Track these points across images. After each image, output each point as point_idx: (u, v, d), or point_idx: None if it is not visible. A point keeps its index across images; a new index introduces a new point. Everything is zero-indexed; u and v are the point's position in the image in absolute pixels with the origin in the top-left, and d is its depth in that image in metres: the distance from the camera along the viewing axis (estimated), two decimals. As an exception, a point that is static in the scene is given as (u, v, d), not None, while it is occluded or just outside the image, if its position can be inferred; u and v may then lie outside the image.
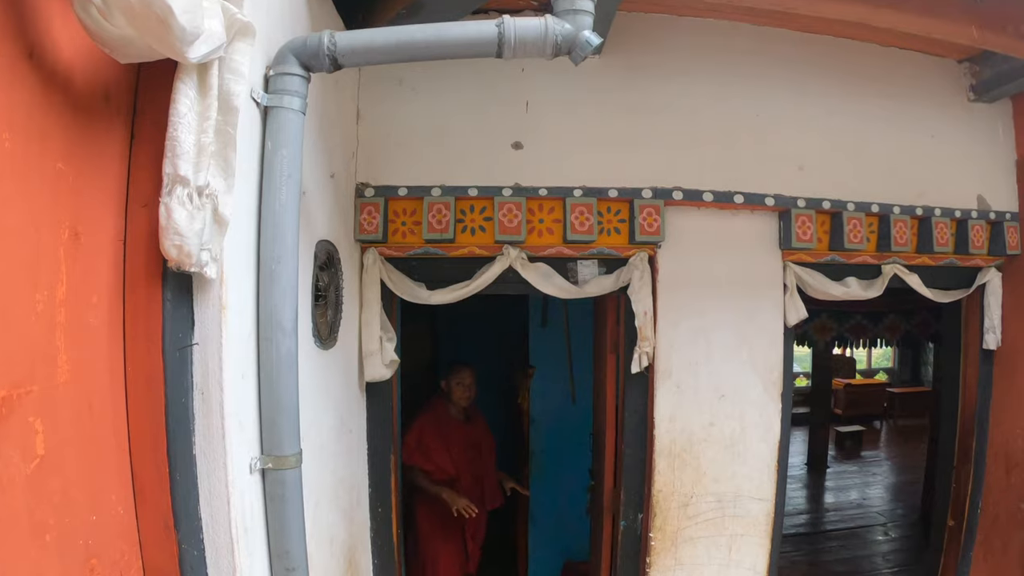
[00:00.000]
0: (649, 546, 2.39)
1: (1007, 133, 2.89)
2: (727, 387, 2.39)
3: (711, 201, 2.31)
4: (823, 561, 4.97)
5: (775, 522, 2.50)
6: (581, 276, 2.30)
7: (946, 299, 2.74)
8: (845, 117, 2.55)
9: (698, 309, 2.35)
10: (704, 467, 2.41)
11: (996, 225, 2.79)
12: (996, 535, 2.95)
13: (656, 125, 2.33)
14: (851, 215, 2.47)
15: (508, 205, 2.18)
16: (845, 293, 2.49)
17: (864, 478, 7.38)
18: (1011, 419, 2.90)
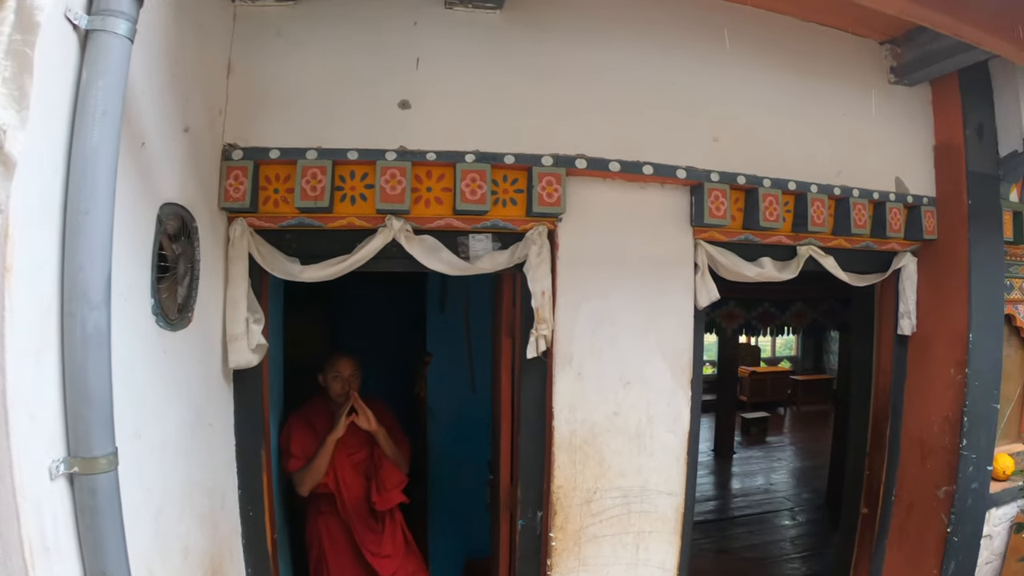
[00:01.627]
0: (550, 547, 2.46)
1: (926, 117, 3.17)
2: (633, 374, 2.48)
3: (618, 171, 2.37)
4: (732, 548, 5.39)
5: (685, 517, 2.65)
6: (473, 251, 2.31)
7: (862, 283, 2.96)
8: (764, 91, 2.69)
9: (602, 289, 2.42)
10: (608, 460, 2.49)
11: (913, 209, 3.05)
12: (911, 522, 3.27)
13: (561, 88, 2.36)
14: (767, 192, 2.60)
15: (392, 170, 2.16)
16: (759, 274, 2.64)
17: (770, 463, 8.25)
18: (926, 405, 3.20)
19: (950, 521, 3.06)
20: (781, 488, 7.30)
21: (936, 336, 3.14)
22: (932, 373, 3.16)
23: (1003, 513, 3.48)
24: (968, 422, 3.02)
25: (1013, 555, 3.46)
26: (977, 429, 3.07)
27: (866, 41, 2.98)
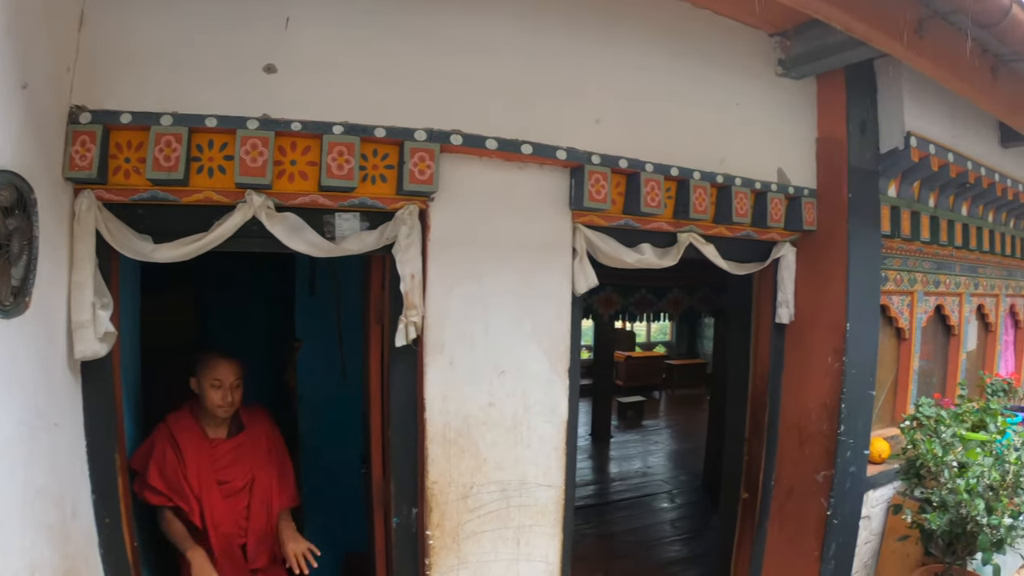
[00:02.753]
0: (427, 545, 2.52)
1: (810, 111, 3.49)
2: (508, 362, 2.59)
3: (495, 149, 2.45)
4: (613, 532, 5.79)
5: (566, 509, 2.80)
6: (339, 231, 2.32)
7: (741, 272, 3.21)
8: (651, 74, 2.87)
9: (476, 273, 2.50)
10: (484, 453, 2.59)
11: (794, 200, 3.35)
12: (791, 506, 3.59)
13: (439, 59, 2.40)
14: (649, 177, 2.79)
15: (253, 140, 2.13)
16: (639, 260, 2.81)
17: (646, 447, 9.01)
18: (804, 392, 3.52)
19: (830, 504, 3.39)
20: (659, 471, 7.96)
21: (814, 325, 3.46)
22: (810, 361, 3.48)
23: (880, 495, 3.90)
24: (846, 409, 3.36)
25: (891, 535, 3.87)
26: (854, 415, 3.42)
27: (756, 32, 3.23)
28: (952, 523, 3.26)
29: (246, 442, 2.77)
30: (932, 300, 4.53)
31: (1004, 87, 3.29)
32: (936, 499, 3.38)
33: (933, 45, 2.71)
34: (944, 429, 3.77)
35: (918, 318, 4.32)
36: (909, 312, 4.24)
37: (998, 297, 5.63)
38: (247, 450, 2.75)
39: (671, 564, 5.26)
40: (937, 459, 3.50)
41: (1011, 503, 3.24)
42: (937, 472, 3.48)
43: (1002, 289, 5.68)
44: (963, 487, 3.25)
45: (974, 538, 3.25)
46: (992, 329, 5.66)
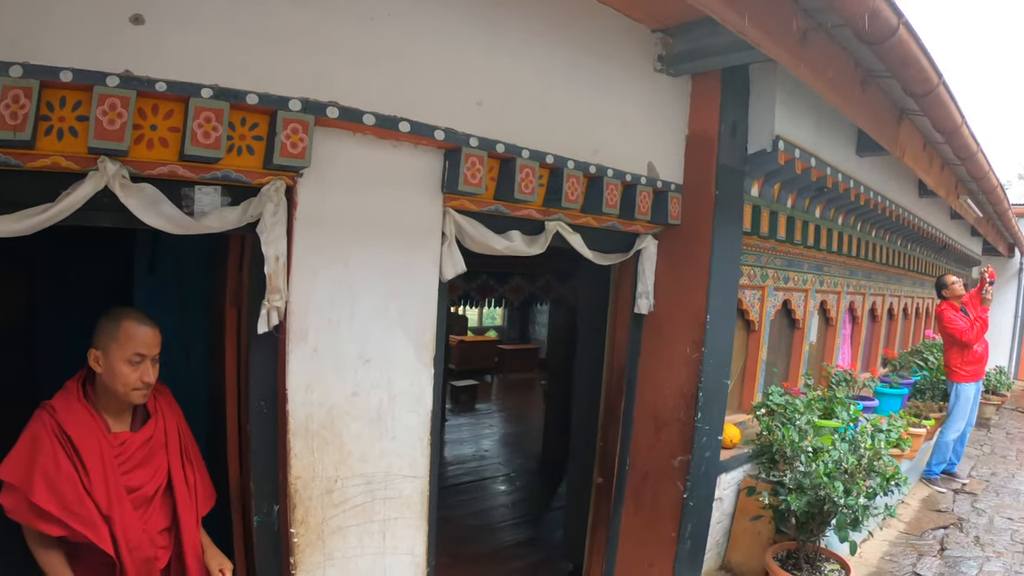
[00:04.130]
0: (292, 543, 2.57)
1: (683, 108, 3.91)
2: (373, 350, 2.71)
3: (372, 125, 2.52)
4: (455, 516, 6.17)
5: (431, 500, 3.00)
6: (199, 205, 2.29)
7: (605, 262, 3.55)
8: (532, 60, 3.08)
9: (342, 256, 2.59)
10: (349, 445, 2.70)
11: (661, 194, 3.76)
12: (647, 490, 4.04)
13: (320, 24, 2.41)
14: (525, 163, 3.03)
15: (112, 100, 2.01)
16: (508, 248, 3.05)
17: (481, 430, 9.77)
18: (661, 381, 3.97)
19: (686, 487, 3.85)
20: (495, 455, 8.57)
21: (674, 316, 3.91)
22: (669, 351, 3.93)
23: (731, 477, 4.52)
24: (703, 397, 3.83)
25: (742, 515, 4.51)
26: (711, 403, 3.91)
27: (639, 26, 3.56)
28: (810, 504, 3.83)
29: (156, 434, 2.34)
30: (781, 295, 5.20)
31: (871, 100, 3.90)
32: (791, 482, 3.94)
33: (814, 55, 3.16)
34: (799, 417, 4.34)
35: (768, 311, 4.92)
36: (760, 306, 4.85)
37: (840, 294, 6.50)
38: (158, 445, 2.34)
39: (515, 547, 5.69)
40: (794, 445, 4.11)
41: (865, 485, 3.88)
42: (793, 457, 4.08)
43: (844, 287, 6.58)
44: (822, 471, 3.83)
45: (830, 517, 3.87)
46: (833, 324, 6.53)
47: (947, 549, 5.47)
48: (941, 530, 5.89)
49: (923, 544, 5.55)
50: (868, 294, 7.53)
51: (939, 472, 7.29)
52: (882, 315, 8.28)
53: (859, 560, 4.98)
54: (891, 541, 5.55)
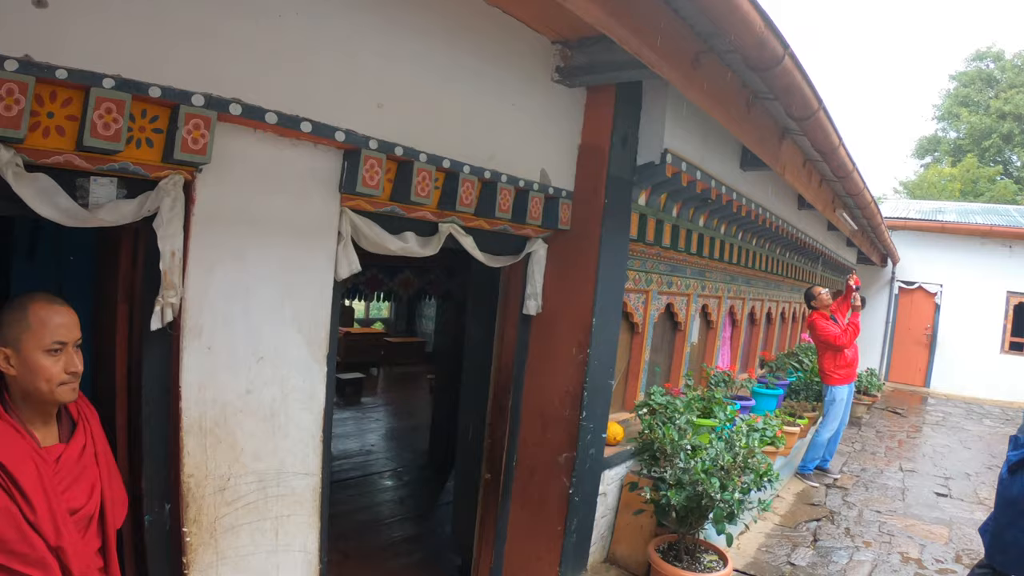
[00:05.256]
0: (184, 542, 2.63)
1: (577, 118, 4.27)
2: (267, 348, 2.85)
3: (274, 124, 2.63)
4: (343, 512, 6.39)
5: (323, 497, 3.16)
6: (94, 197, 2.33)
7: (495, 264, 3.85)
8: (434, 65, 3.30)
9: (239, 253, 2.70)
10: (242, 443, 2.78)
11: (552, 200, 4.09)
12: (533, 486, 4.38)
13: (226, 18, 2.49)
14: (422, 167, 3.25)
15: (9, 85, 2.03)
16: (402, 248, 3.28)
17: (367, 424, 10.11)
18: (547, 380, 4.31)
19: (571, 483, 4.21)
20: (382, 449, 8.89)
21: (561, 318, 4.27)
22: (556, 351, 4.29)
23: (615, 473, 4.94)
24: (588, 396, 4.19)
25: (625, 509, 4.92)
26: (595, 402, 4.28)
27: (540, 37, 3.87)
28: (689, 499, 4.23)
29: (88, 442, 2.13)
30: (664, 299, 5.68)
31: (756, 119, 4.36)
32: (671, 478, 4.34)
33: (704, 77, 3.55)
34: (679, 416, 4.75)
35: (651, 315, 5.36)
36: (644, 309, 5.30)
37: (720, 299, 7.08)
38: (90, 454, 2.12)
39: (404, 542, 5.94)
40: (674, 443, 4.52)
41: (740, 480, 4.33)
42: (673, 454, 4.49)
43: (725, 292, 7.17)
44: (700, 467, 4.25)
45: (707, 511, 4.28)
46: (714, 327, 7.11)
47: (820, 540, 6.13)
48: (814, 522, 6.59)
49: (797, 536, 6.19)
50: (748, 299, 8.24)
51: (813, 468, 8.10)
52: (761, 319, 9.07)
53: (737, 551, 5.54)
54: (767, 533, 6.16)
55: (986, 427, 13.17)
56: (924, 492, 8.04)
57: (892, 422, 12.65)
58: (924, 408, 15.03)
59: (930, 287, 17.82)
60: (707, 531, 4.61)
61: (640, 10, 2.97)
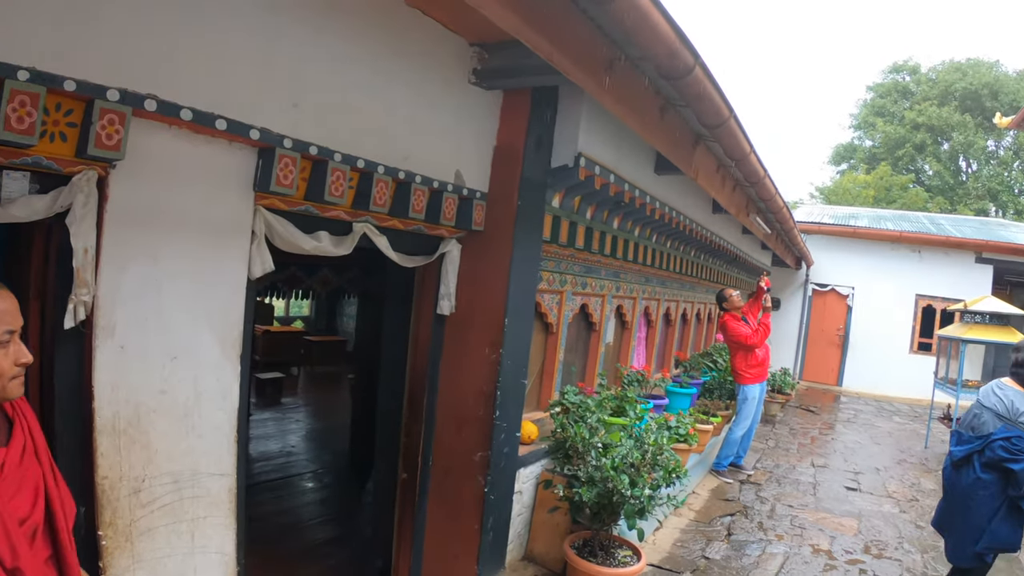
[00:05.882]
0: (100, 546, 2.66)
1: (493, 121, 4.47)
2: (181, 347, 2.92)
3: (189, 120, 2.70)
4: (263, 515, 6.50)
5: (239, 497, 3.23)
6: (6, 192, 2.35)
7: (410, 264, 4.02)
8: (352, 64, 3.42)
9: (152, 251, 2.76)
10: (156, 444, 2.83)
11: (466, 201, 4.28)
12: (450, 485, 4.56)
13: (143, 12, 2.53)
14: (337, 166, 3.38)
15: None
16: (316, 248, 3.42)
17: (288, 425, 10.24)
18: (461, 380, 4.51)
19: (487, 482, 4.41)
20: (302, 451, 9.03)
21: (474, 318, 4.47)
22: (469, 351, 4.49)
23: (530, 472, 5.17)
24: (501, 396, 4.41)
25: (541, 507, 5.17)
26: (509, 402, 4.50)
27: (459, 39, 4.03)
28: (600, 495, 4.48)
29: (28, 442, 1.94)
30: (579, 299, 5.97)
31: (669, 126, 4.65)
32: (584, 475, 4.58)
33: (618, 84, 3.73)
34: (590, 415, 4.99)
35: (565, 315, 5.62)
36: (558, 309, 5.56)
37: (635, 300, 7.42)
38: (31, 455, 1.93)
39: (325, 544, 6.07)
40: (585, 441, 4.76)
41: (650, 477, 4.60)
42: (585, 452, 4.73)
43: (639, 293, 7.52)
44: (609, 465, 4.51)
45: (619, 508, 4.54)
46: (628, 327, 7.44)
47: (733, 534, 6.51)
48: (728, 517, 6.97)
49: (712, 530, 6.55)
50: (663, 300, 8.65)
51: (727, 465, 8.54)
52: (676, 320, 9.51)
53: (653, 546, 5.87)
54: (683, 528, 6.50)
55: (895, 424, 14.10)
56: (835, 487, 8.60)
57: (805, 419, 13.38)
58: (836, 406, 15.99)
59: (842, 289, 19.06)
60: (621, 527, 4.84)
61: (554, 16, 3.10)
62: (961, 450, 4.46)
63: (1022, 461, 4.07)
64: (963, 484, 4.42)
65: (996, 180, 34.33)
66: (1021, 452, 4.08)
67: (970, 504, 4.34)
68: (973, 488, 4.33)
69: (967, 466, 4.40)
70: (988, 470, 4.25)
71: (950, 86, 36.07)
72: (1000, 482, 4.22)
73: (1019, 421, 4.15)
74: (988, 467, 4.25)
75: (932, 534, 6.83)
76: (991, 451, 4.20)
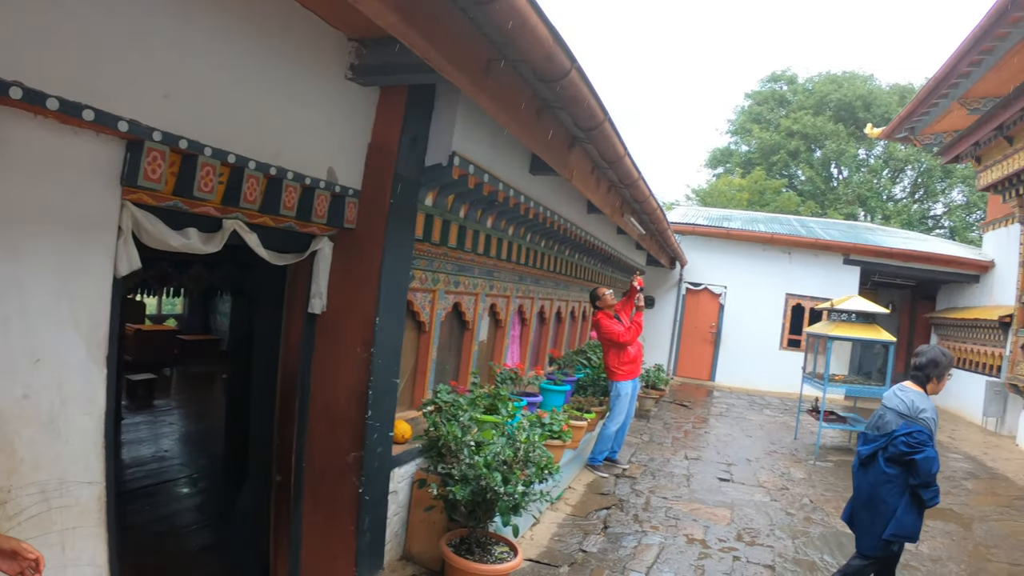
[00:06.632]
0: None
1: (368, 117, 4.60)
2: (45, 349, 2.86)
3: (56, 110, 2.65)
4: (139, 523, 6.48)
5: (108, 507, 3.18)
6: None
7: (281, 262, 4.15)
8: (226, 56, 3.43)
9: (13, 248, 2.69)
10: (21, 452, 2.76)
11: (339, 198, 4.42)
12: (324, 486, 4.68)
13: None
14: (207, 161, 3.40)
15: None
16: (184, 245, 3.49)
17: (161, 428, 10.21)
18: (334, 380, 4.65)
19: (361, 482, 4.56)
20: (176, 455, 8.98)
21: (346, 317, 4.61)
22: (341, 350, 4.63)
23: (404, 471, 5.34)
24: (373, 395, 4.57)
25: (417, 506, 5.36)
26: (381, 401, 4.67)
27: (337, 34, 4.11)
28: (474, 493, 4.69)
29: None
30: (452, 298, 6.25)
31: (545, 127, 4.92)
32: (458, 474, 4.79)
33: (495, 85, 3.89)
34: (462, 413, 5.21)
35: (438, 314, 5.86)
36: (431, 308, 5.83)
37: (509, 298, 7.76)
38: None
39: (204, 551, 6.08)
40: (457, 440, 4.98)
41: (523, 474, 4.85)
42: (458, 450, 4.94)
43: (513, 292, 7.86)
44: (482, 463, 4.72)
45: (494, 505, 4.75)
46: (502, 325, 7.75)
47: (610, 527, 6.88)
48: (604, 511, 7.35)
49: (588, 524, 6.89)
50: (537, 298, 9.03)
51: (602, 459, 8.98)
52: (550, 318, 9.93)
53: (531, 542, 6.15)
54: (559, 523, 6.82)
55: (766, 416, 15.19)
56: (708, 478, 9.21)
57: (679, 414, 14.18)
58: (710, 400, 17.01)
59: (715, 288, 20.38)
60: (497, 524, 5.05)
61: (434, 16, 3.15)
62: (867, 448, 5.07)
63: (922, 452, 4.67)
64: (870, 479, 5.02)
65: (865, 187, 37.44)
66: (921, 445, 4.69)
67: (877, 497, 4.92)
68: (880, 482, 4.91)
69: (873, 463, 5.00)
70: (892, 464, 4.84)
71: (825, 96, 39.13)
72: (904, 476, 4.81)
73: (919, 417, 4.76)
74: (892, 462, 4.84)
75: (803, 521, 7.60)
76: (894, 447, 4.79)
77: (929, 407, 4.81)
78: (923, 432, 4.70)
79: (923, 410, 4.77)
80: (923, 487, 4.72)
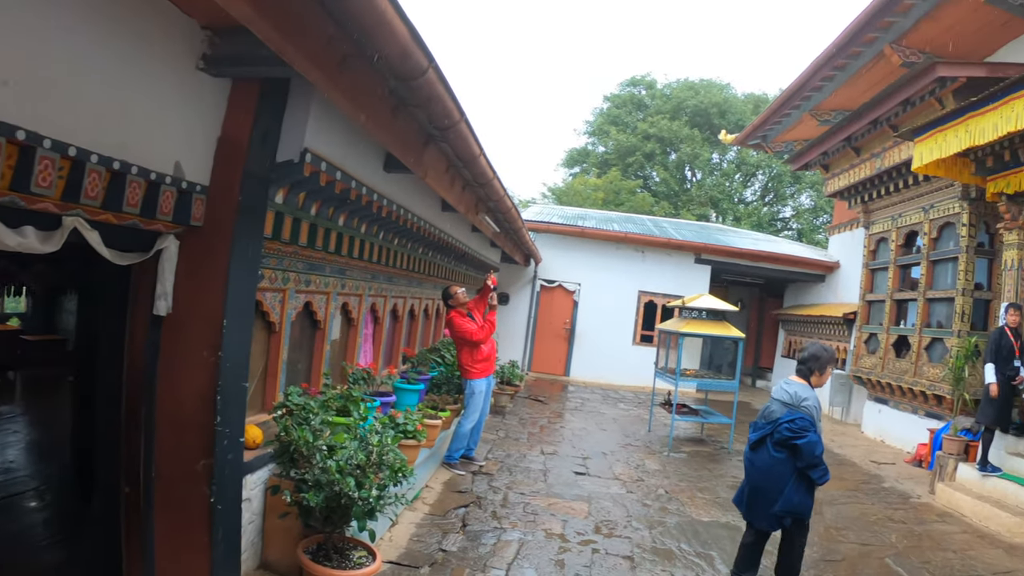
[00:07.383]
0: None
1: (219, 110, 4.56)
2: None
3: None
4: None
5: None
6: None
7: (124, 261, 4.14)
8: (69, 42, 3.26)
9: None
10: None
11: (186, 194, 4.41)
12: (175, 496, 4.62)
13: None
14: (46, 154, 3.29)
15: None
16: (21, 244, 3.41)
17: (4, 437, 9.81)
18: (180, 384, 4.62)
19: (212, 491, 4.54)
20: (21, 466, 8.58)
21: (192, 319, 4.59)
22: (187, 354, 4.61)
23: (257, 477, 5.37)
24: (222, 400, 4.57)
25: (272, 513, 5.39)
26: (230, 406, 4.68)
27: (190, 21, 4.01)
28: (328, 499, 4.78)
29: None
30: (303, 297, 6.33)
31: (400, 126, 5.03)
32: (311, 479, 4.88)
33: (350, 81, 3.96)
34: (314, 417, 5.30)
35: (288, 313, 5.93)
36: (281, 308, 5.88)
37: (362, 297, 7.90)
38: None
39: (52, 570, 5.80)
40: (309, 444, 5.06)
41: (377, 478, 4.98)
42: (310, 455, 5.03)
43: (366, 290, 8.00)
44: (335, 468, 4.82)
45: (349, 510, 4.86)
46: (355, 324, 7.88)
47: (469, 525, 7.12)
48: (463, 509, 7.61)
49: (447, 523, 7.12)
50: (390, 297, 9.19)
51: (459, 457, 9.25)
52: (403, 316, 10.13)
53: (390, 543, 6.30)
54: (418, 523, 7.00)
55: (620, 410, 16.00)
56: (565, 472, 9.66)
57: (534, 409, 14.72)
58: (565, 395, 17.73)
59: (569, 286, 21.30)
60: (353, 528, 5.17)
61: (290, 8, 3.17)
62: (755, 435, 5.78)
63: (804, 438, 5.36)
64: (760, 463, 5.71)
65: (718, 189, 40.23)
66: (803, 431, 5.39)
67: (767, 478, 5.61)
68: (769, 465, 5.59)
69: (762, 447, 5.68)
70: (779, 448, 5.52)
71: (683, 102, 41.84)
72: (790, 458, 5.49)
73: (801, 406, 5.49)
74: (779, 446, 5.52)
75: (659, 511, 8.16)
76: (779, 433, 5.48)
77: (811, 397, 5.56)
78: (805, 419, 5.42)
79: (805, 399, 5.51)
80: (810, 468, 5.41)
